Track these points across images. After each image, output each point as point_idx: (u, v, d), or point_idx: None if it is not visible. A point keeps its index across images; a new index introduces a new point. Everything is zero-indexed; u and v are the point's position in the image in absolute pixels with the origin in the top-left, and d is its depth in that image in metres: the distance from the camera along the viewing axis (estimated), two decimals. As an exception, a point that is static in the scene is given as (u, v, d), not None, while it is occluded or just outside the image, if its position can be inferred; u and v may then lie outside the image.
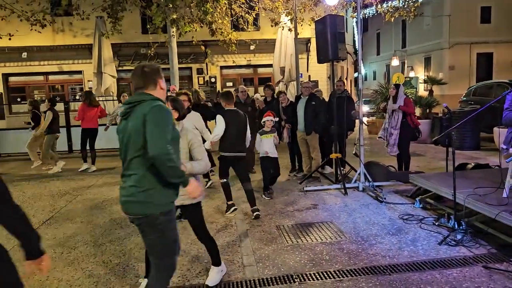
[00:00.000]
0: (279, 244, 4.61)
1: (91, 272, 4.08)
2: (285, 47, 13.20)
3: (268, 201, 6.44)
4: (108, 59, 13.49)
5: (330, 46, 6.75)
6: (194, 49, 15.21)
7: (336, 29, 6.73)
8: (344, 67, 21.58)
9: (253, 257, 4.27)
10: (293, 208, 5.99)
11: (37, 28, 11.67)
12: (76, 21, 13.11)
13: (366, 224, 5.18)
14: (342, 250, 4.39)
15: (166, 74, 13.80)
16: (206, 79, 16.60)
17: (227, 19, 12.75)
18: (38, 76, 16.56)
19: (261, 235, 4.95)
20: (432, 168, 8.44)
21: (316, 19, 8.25)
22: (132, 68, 15.83)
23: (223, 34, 12.70)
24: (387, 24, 18.38)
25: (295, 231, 5.02)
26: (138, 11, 13.51)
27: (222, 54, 15.93)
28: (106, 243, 4.86)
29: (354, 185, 6.98)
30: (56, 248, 4.77)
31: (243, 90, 8.51)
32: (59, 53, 15.69)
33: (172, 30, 11.11)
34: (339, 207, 5.98)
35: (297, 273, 3.87)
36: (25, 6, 11.58)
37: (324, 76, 16.56)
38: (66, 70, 16.29)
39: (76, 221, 5.77)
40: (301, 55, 13.97)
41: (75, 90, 16.96)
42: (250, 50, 15.40)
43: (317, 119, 7.48)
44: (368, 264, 4.00)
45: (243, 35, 13.96)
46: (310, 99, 7.57)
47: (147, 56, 14.37)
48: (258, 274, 3.88)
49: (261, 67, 16.95)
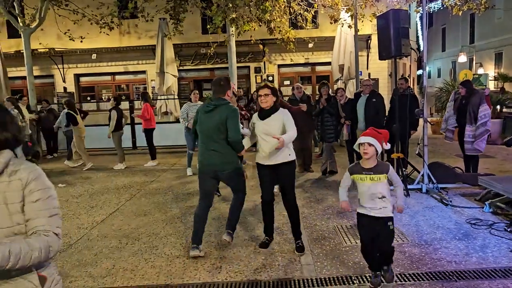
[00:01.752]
0: (337, 245, 4.53)
1: (154, 263, 4.24)
2: (345, 45, 12.94)
3: (325, 200, 6.34)
4: (170, 59, 13.97)
5: (393, 42, 6.50)
6: (252, 48, 15.33)
7: (400, 24, 6.47)
8: (407, 64, 20.74)
9: (310, 257, 4.23)
10: (351, 209, 5.84)
11: (105, 31, 12.35)
12: (141, 23, 13.70)
13: (430, 228, 4.95)
14: (403, 253, 4.22)
15: (225, 73, 14.15)
16: (263, 78, 16.68)
17: (285, 17, 12.74)
18: (106, 76, 17.51)
19: (318, 234, 4.88)
20: (504, 170, 7.90)
21: (378, 15, 8.00)
22: (192, 68, 16.36)
23: (281, 32, 12.70)
24: (453, 18, 17.42)
25: (354, 232, 4.90)
26: (198, 12, 13.87)
27: (280, 52, 15.92)
28: (168, 236, 5.03)
29: (417, 187, 6.69)
30: (122, 239, 5.01)
31: (299, 87, 8.46)
32: (125, 54, 16.47)
33: (231, 29, 11.28)
34: (400, 209, 5.75)
35: (356, 274, 3.77)
36: (95, 10, 12.31)
37: (385, 74, 16.03)
38: (131, 70, 17.08)
39: (140, 214, 6.03)
40: (361, 52, 13.60)
41: (139, 90, 17.75)
42: (308, 48, 15.26)
43: (378, 117, 7.26)
44: (432, 269, 3.81)
45: (301, 33, 13.87)
46: (371, 97, 7.36)
47: (207, 55, 14.71)
48: (316, 274, 3.83)
49: (319, 65, 16.73)
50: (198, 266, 4.11)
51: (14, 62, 15.46)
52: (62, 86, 16.91)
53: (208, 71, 17.10)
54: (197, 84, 17.15)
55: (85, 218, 5.96)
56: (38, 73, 15.93)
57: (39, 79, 15.98)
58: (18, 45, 14.66)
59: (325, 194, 6.73)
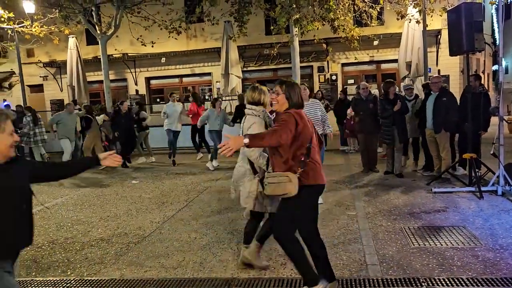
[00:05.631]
0: (404, 246, 4.43)
1: (221, 257, 4.42)
2: (412, 41, 12.51)
3: (390, 201, 6.20)
4: (235, 60, 14.32)
5: (465, 36, 6.20)
6: (316, 48, 15.29)
7: (473, 18, 6.16)
8: (481, 59, 19.50)
9: (376, 257, 4.18)
10: (419, 210, 5.68)
11: (173, 35, 12.95)
12: (207, 27, 14.20)
13: (506, 232, 4.67)
14: (476, 257, 4.03)
15: (288, 73, 14.23)
16: (327, 77, 16.55)
17: (349, 15, 12.55)
18: (174, 79, 18.35)
19: (384, 235, 4.80)
20: None
21: (449, 9, 7.66)
22: (255, 69, 16.64)
23: (345, 31, 12.53)
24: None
25: (421, 233, 4.76)
26: (262, 13, 14.08)
27: (344, 51, 15.71)
28: (233, 232, 5.20)
29: (492, 189, 6.32)
30: (191, 233, 5.27)
31: (365, 87, 8.35)
32: (192, 57, 17.13)
33: (295, 29, 11.33)
34: (473, 212, 5.49)
35: (424, 276, 3.68)
36: (165, 16, 12.95)
37: (456, 70, 15.23)
38: (198, 72, 17.74)
39: (207, 210, 6.29)
40: (429, 48, 13.09)
41: (204, 91, 18.35)
42: (374, 45, 14.92)
43: (448, 117, 6.95)
44: (509, 275, 3.61)
45: (366, 31, 13.58)
46: (441, 95, 7.07)
47: (270, 56, 14.88)
48: (382, 274, 3.79)
49: (384, 63, 16.30)
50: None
51: (92, 67, 16.70)
52: (134, 89, 17.95)
53: (271, 72, 17.29)
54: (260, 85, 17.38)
55: (156, 213, 6.33)
56: (113, 77, 17.04)
57: (113, 82, 17.10)
58: (96, 51, 15.80)
59: (390, 194, 6.57)
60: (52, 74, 18.54)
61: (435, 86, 7.23)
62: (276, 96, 3.31)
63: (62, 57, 16.88)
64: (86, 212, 6.67)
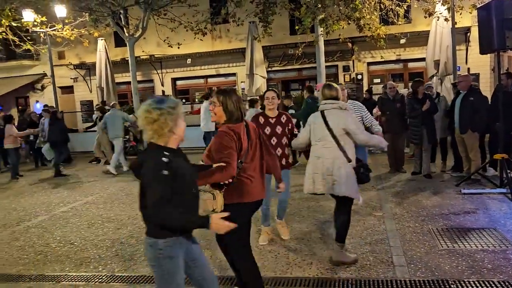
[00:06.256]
0: (433, 247, 4.37)
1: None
2: (440, 39, 12.24)
3: (418, 202, 6.11)
4: (259, 61, 14.36)
5: (496, 34, 6.06)
6: (341, 47, 15.16)
7: (503, 15, 6.01)
8: (512, 57, 18.94)
9: (403, 258, 4.15)
10: (448, 211, 5.58)
11: (199, 36, 13.10)
12: (232, 28, 14.29)
13: (539, 235, 4.56)
14: (508, 260, 3.95)
15: (313, 73, 14.15)
16: (352, 76, 16.39)
17: (375, 14, 12.40)
18: (199, 80, 18.54)
19: (412, 236, 4.75)
20: None
21: (479, 6, 7.49)
22: (280, 69, 16.65)
23: (371, 29, 12.39)
24: None
25: (450, 235, 4.69)
26: (286, 13, 14.07)
27: (370, 50, 15.50)
28: (260, 231, 5.24)
29: (524, 190, 6.15)
30: (217, 232, 5.33)
31: (392, 87, 8.25)
32: (217, 58, 17.26)
33: (320, 29, 11.29)
34: (504, 213, 5.36)
35: (453, 278, 3.63)
36: (191, 18, 13.12)
37: (487, 68, 14.81)
38: (222, 73, 17.86)
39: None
40: (458, 46, 12.76)
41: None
42: (400, 44, 14.67)
43: (476, 117, 6.80)
44: (542, 279, 3.53)
45: (393, 29, 13.38)
46: (468, 94, 6.92)
47: (294, 56, 14.86)
48: (409, 275, 3.76)
49: (412, 62, 16.00)
50: (290, 261, 4.26)
51: (120, 69, 17.06)
52: (161, 90, 18.22)
53: (296, 72, 17.25)
54: (284, 85, 17.41)
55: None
56: (140, 78, 17.35)
57: (141, 83, 17.40)
58: (124, 53, 16.14)
59: (418, 195, 6.48)
60: (82, 76, 19.03)
61: (463, 85, 7.09)
62: (213, 108, 3.20)
63: (91, 59, 17.30)
64: (115, 210, 6.84)
